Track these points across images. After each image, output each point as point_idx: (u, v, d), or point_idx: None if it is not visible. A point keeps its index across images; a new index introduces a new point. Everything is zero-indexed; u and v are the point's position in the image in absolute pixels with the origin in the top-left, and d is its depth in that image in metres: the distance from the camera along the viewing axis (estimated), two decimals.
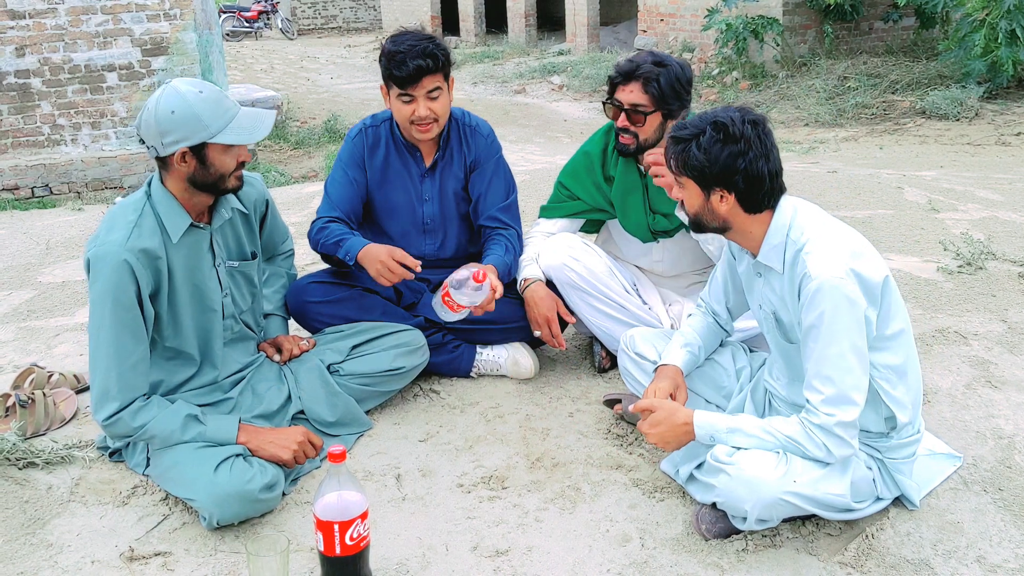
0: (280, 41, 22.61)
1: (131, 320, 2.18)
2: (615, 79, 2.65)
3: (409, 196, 2.87)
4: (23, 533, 2.17)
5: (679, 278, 2.96)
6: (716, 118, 2.00)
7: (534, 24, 17.64)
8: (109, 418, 2.18)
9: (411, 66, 2.62)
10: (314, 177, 8.23)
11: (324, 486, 1.88)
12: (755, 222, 2.05)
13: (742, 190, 1.99)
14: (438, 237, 2.92)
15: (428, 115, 2.69)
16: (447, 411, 2.72)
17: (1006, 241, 3.93)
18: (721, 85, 10.87)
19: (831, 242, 1.98)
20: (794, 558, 2.03)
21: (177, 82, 2.19)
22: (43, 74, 7.94)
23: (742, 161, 1.96)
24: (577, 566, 2.04)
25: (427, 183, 2.87)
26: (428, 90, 2.67)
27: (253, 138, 2.21)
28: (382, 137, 2.85)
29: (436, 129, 2.76)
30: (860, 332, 1.93)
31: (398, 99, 2.70)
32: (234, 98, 2.41)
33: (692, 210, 2.09)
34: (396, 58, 2.65)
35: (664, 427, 2.09)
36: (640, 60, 2.62)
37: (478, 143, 2.89)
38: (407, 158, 2.85)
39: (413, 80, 2.65)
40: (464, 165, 2.89)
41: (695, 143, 1.99)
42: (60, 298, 3.81)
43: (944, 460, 2.31)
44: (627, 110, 2.62)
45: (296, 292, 2.78)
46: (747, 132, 1.97)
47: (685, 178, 2.05)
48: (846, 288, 1.90)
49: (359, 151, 2.85)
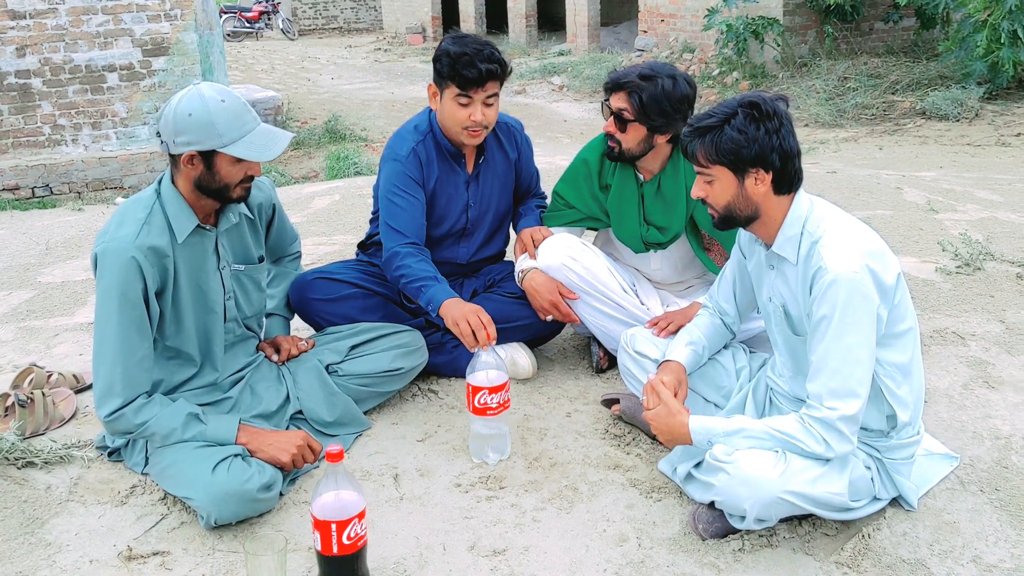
0: (281, 41, 22.62)
1: (137, 317, 2.19)
2: (607, 84, 2.67)
3: (456, 205, 2.86)
4: (21, 532, 2.17)
5: (677, 283, 2.96)
6: (744, 99, 1.99)
7: (535, 24, 17.65)
8: (112, 414, 2.18)
9: (482, 68, 2.61)
10: (315, 177, 8.24)
11: (322, 486, 1.89)
12: (780, 206, 2.04)
13: (778, 168, 1.98)
14: (472, 241, 2.94)
15: (483, 120, 2.68)
16: (445, 411, 2.73)
17: (1005, 242, 3.93)
18: (721, 85, 10.88)
19: (848, 237, 1.98)
20: (791, 558, 2.04)
21: (204, 86, 2.19)
22: (44, 74, 7.96)
23: (776, 138, 1.96)
24: (574, 566, 2.04)
25: (472, 189, 2.87)
26: (488, 95, 2.67)
27: (263, 157, 2.20)
28: (432, 151, 2.80)
29: (484, 135, 2.76)
30: (871, 328, 1.93)
31: (454, 100, 2.67)
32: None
33: (723, 201, 2.05)
34: (463, 59, 2.61)
35: (662, 425, 2.11)
36: (634, 70, 2.62)
37: (519, 140, 2.96)
38: (453, 166, 2.84)
39: (479, 83, 2.63)
40: (509, 163, 2.94)
41: (728, 126, 1.97)
42: (60, 298, 3.81)
43: (941, 460, 2.31)
44: (614, 115, 2.64)
45: (299, 288, 2.77)
46: (778, 108, 1.98)
47: (717, 167, 2.01)
48: (861, 283, 1.90)
49: (416, 170, 2.77)
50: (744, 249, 2.28)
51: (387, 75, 15.99)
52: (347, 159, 8.09)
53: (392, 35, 21.73)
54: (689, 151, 2.05)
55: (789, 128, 1.99)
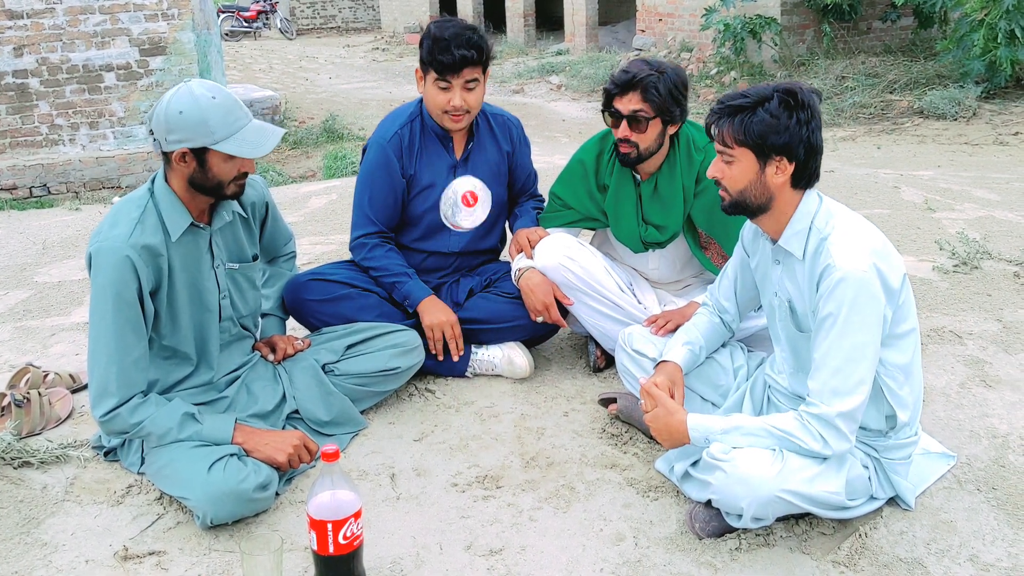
0: (279, 41, 22.60)
1: (132, 316, 2.18)
2: (612, 90, 2.61)
3: (440, 188, 2.88)
4: (17, 532, 2.17)
5: (675, 282, 2.96)
6: (780, 86, 1.97)
7: (533, 24, 17.64)
8: (107, 414, 2.18)
9: (456, 55, 2.63)
10: (312, 177, 8.23)
11: (318, 485, 1.88)
12: (793, 200, 2.02)
13: (801, 160, 1.97)
14: (464, 231, 2.94)
15: (462, 105, 2.71)
16: (442, 410, 2.73)
17: (1002, 240, 3.93)
18: (719, 85, 10.87)
19: (857, 235, 1.97)
20: (787, 557, 2.03)
21: (195, 83, 2.19)
22: (41, 74, 7.94)
23: (806, 130, 1.94)
24: (571, 565, 2.04)
25: (460, 174, 2.88)
26: (466, 80, 2.69)
27: (255, 153, 2.20)
28: (416, 133, 2.85)
29: (468, 120, 2.78)
30: (877, 328, 1.92)
31: (434, 84, 2.71)
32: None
33: (739, 186, 2.02)
34: (440, 44, 2.64)
35: (660, 424, 2.10)
36: (636, 69, 2.59)
37: (513, 134, 2.96)
38: (440, 150, 2.86)
39: (455, 69, 2.65)
40: (501, 154, 2.94)
41: (761, 109, 1.95)
42: (56, 298, 3.81)
43: (938, 459, 2.31)
44: (627, 118, 2.59)
45: (294, 289, 2.78)
46: (812, 101, 1.96)
47: (741, 149, 1.99)
48: (869, 282, 1.90)
49: (396, 155, 2.81)
50: (747, 247, 2.28)
51: (385, 74, 15.99)
52: (344, 159, 8.07)
53: (390, 35, 21.72)
54: (715, 130, 2.03)
55: (819, 123, 1.97)
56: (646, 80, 2.55)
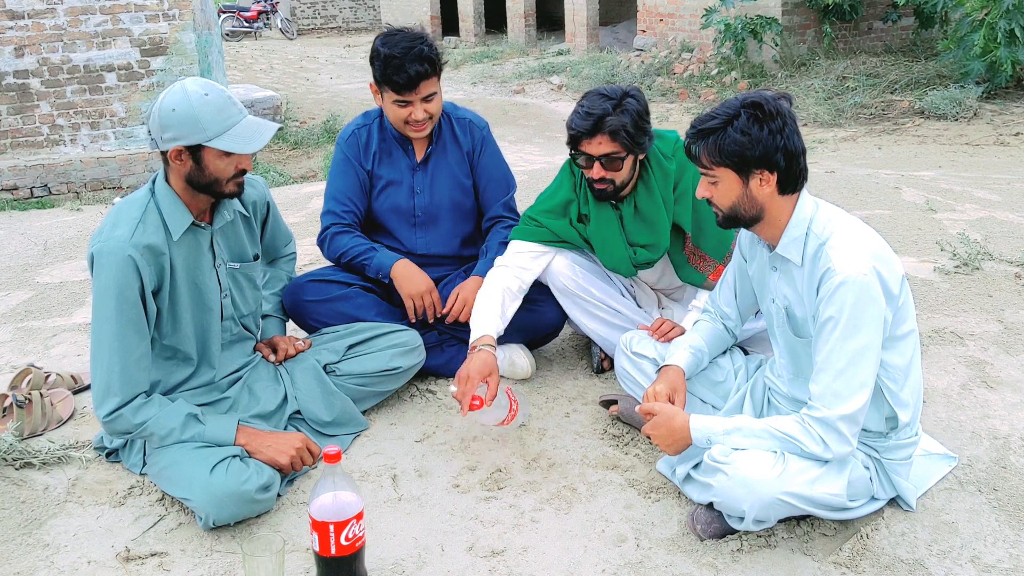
0: (280, 41, 22.60)
1: (135, 316, 2.19)
2: (577, 135, 2.51)
3: (401, 190, 2.89)
4: (19, 533, 2.17)
5: (678, 288, 2.95)
6: (746, 99, 1.96)
7: (533, 24, 17.64)
8: (110, 414, 2.18)
9: (410, 72, 2.64)
10: (313, 177, 8.24)
11: (320, 486, 1.88)
12: (786, 206, 2.02)
13: (783, 168, 1.96)
14: (428, 232, 2.93)
15: (424, 117, 2.73)
16: (443, 411, 2.73)
17: (1003, 241, 3.93)
18: (720, 85, 10.88)
19: (856, 239, 1.97)
20: (789, 558, 2.04)
21: (188, 81, 2.20)
22: (42, 74, 7.94)
23: (780, 138, 1.93)
24: (572, 566, 2.04)
25: (419, 176, 2.89)
26: (424, 96, 2.70)
27: (247, 148, 2.20)
28: (375, 135, 2.89)
29: (430, 126, 2.80)
30: (878, 331, 1.92)
31: (393, 103, 2.73)
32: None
33: (728, 203, 2.02)
34: (393, 64, 2.64)
35: (663, 430, 2.10)
36: (598, 109, 2.46)
37: (475, 134, 2.94)
38: (399, 153, 2.89)
39: (411, 87, 2.66)
40: (463, 156, 2.92)
41: (731, 128, 1.94)
42: (58, 299, 3.81)
43: (939, 460, 2.31)
44: (600, 160, 2.51)
45: (292, 291, 2.78)
46: (782, 108, 1.95)
47: (720, 169, 1.99)
48: (870, 285, 1.90)
49: (354, 151, 2.88)
50: (745, 252, 2.27)
51: None
52: None
53: None
54: (692, 152, 2.03)
55: (793, 127, 1.96)
56: (611, 122, 2.45)
